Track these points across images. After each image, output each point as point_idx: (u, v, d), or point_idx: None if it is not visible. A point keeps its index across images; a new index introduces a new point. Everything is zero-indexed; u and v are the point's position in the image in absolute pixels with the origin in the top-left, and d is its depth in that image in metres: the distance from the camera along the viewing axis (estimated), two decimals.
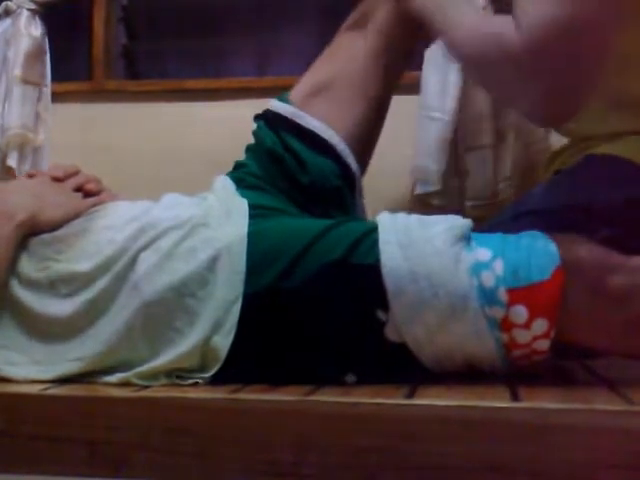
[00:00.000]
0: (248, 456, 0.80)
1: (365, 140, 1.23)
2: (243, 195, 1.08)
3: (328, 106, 1.19)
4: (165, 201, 1.07)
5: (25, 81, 2.33)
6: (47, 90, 2.41)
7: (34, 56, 2.35)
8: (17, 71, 2.32)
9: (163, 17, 2.78)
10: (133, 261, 0.96)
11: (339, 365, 0.93)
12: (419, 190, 2.34)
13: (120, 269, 0.96)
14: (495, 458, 0.76)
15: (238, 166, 1.20)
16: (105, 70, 2.58)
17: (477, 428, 0.77)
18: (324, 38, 1.31)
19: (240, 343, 0.91)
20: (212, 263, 0.94)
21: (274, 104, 1.22)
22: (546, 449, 0.75)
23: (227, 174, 1.18)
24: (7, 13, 2.38)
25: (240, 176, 1.16)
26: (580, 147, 1.27)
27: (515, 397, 0.82)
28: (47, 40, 2.40)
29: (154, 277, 0.94)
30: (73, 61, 2.71)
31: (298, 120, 1.18)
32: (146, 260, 0.95)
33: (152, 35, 2.80)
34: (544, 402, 0.79)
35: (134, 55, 2.74)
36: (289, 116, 1.18)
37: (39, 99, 2.39)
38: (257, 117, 1.24)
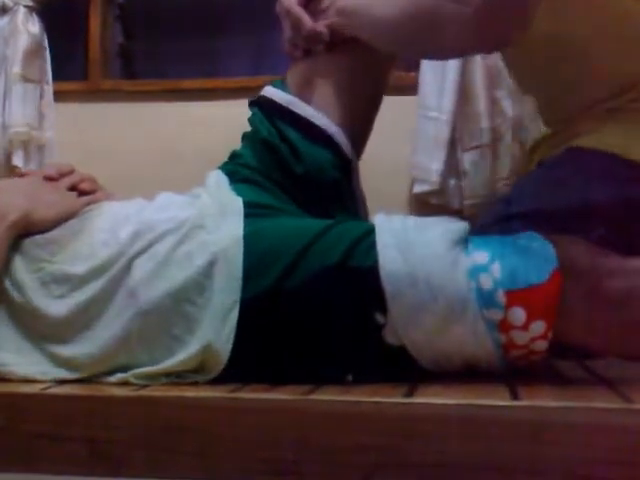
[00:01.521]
0: (248, 455, 0.80)
1: (360, 129, 1.21)
2: (237, 190, 1.07)
3: (324, 94, 1.16)
4: (159, 201, 1.05)
5: (25, 79, 2.32)
6: (49, 88, 2.39)
7: (33, 53, 2.34)
8: (16, 69, 2.31)
9: (160, 17, 2.78)
10: (129, 266, 0.95)
11: (337, 367, 0.93)
12: (417, 189, 2.35)
13: (115, 273, 0.95)
14: (494, 456, 0.76)
15: (233, 156, 1.18)
16: (101, 70, 2.58)
17: (476, 426, 0.77)
18: None
19: (240, 346, 0.91)
20: (208, 268, 0.93)
21: (269, 90, 1.19)
22: (545, 447, 0.75)
23: (221, 166, 1.16)
24: (4, 10, 2.36)
25: (234, 168, 1.14)
26: (561, 137, 1.27)
27: (514, 396, 0.82)
28: (46, 37, 2.39)
29: (151, 284, 0.93)
30: (69, 61, 2.71)
31: (293, 108, 1.15)
32: (142, 266, 0.94)
33: (149, 35, 2.80)
34: (543, 400, 0.79)
35: (131, 54, 2.74)
36: (284, 104, 1.16)
37: (41, 96, 2.37)
38: (252, 103, 1.21)
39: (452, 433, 0.77)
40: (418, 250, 0.91)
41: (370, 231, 0.94)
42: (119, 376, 0.93)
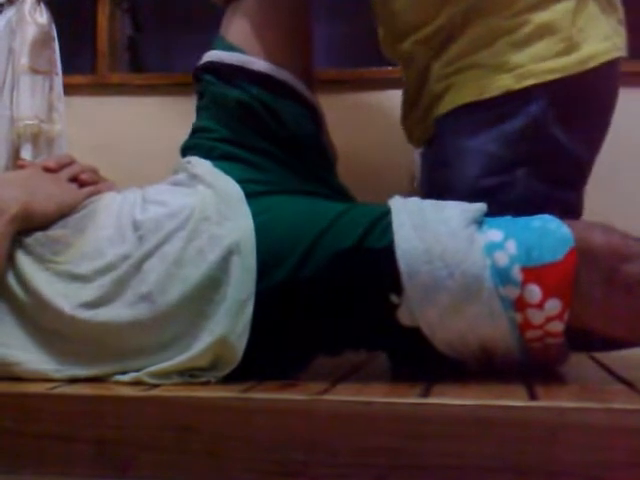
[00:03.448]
0: (258, 455, 0.79)
1: (306, 66, 1.19)
2: (222, 170, 1.04)
3: (265, 41, 1.12)
4: (157, 194, 1.02)
5: (33, 70, 2.30)
6: (58, 79, 2.38)
7: (41, 44, 2.32)
8: (24, 60, 2.29)
9: (169, 10, 2.77)
10: (138, 267, 0.93)
11: (353, 351, 0.92)
12: (418, 184, 2.34)
13: (121, 274, 0.93)
14: (510, 457, 0.75)
15: (198, 130, 1.15)
16: (109, 63, 2.57)
17: (492, 427, 0.76)
18: (323, 33, 1.28)
19: (254, 338, 0.90)
20: (223, 263, 0.91)
21: (215, 55, 1.15)
22: (562, 448, 0.74)
23: (187, 141, 1.14)
24: (11, 1, 2.35)
25: (207, 144, 1.11)
26: (420, 108, 1.23)
27: (532, 395, 0.81)
28: (54, 27, 2.37)
29: (167, 287, 0.91)
30: (77, 54, 2.70)
31: (250, 66, 1.12)
32: (155, 268, 0.92)
33: (157, 28, 2.79)
34: (561, 401, 0.78)
35: (140, 48, 2.73)
36: (238, 64, 1.12)
37: (50, 88, 2.36)
38: (200, 72, 1.17)
39: (466, 434, 0.76)
40: (434, 227, 0.90)
41: (385, 213, 0.93)
42: (132, 375, 0.92)
